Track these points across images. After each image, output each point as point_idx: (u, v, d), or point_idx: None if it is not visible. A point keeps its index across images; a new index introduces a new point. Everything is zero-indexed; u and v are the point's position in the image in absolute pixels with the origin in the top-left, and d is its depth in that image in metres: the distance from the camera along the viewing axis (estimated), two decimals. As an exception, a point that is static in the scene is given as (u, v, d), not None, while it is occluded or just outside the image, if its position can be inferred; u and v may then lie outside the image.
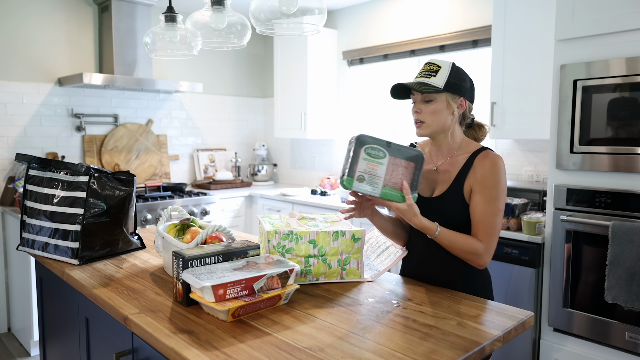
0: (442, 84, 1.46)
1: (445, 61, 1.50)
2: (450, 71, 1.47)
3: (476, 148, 1.54)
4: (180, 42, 2.03)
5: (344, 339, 1.12)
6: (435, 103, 1.48)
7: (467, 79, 1.53)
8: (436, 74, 1.47)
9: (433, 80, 1.47)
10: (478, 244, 1.46)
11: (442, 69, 1.47)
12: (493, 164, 1.47)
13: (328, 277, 1.51)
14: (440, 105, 1.48)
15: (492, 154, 1.50)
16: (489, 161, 1.48)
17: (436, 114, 1.49)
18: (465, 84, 1.51)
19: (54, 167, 1.79)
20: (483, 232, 1.46)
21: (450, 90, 1.48)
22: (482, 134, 1.63)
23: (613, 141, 2.13)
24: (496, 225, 1.47)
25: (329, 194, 3.91)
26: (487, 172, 1.47)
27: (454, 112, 1.50)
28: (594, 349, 2.23)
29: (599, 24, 2.15)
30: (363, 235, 1.52)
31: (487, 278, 1.59)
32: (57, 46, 3.60)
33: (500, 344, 1.16)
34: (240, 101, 4.80)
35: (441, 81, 1.46)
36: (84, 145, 3.76)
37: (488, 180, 1.46)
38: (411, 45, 3.64)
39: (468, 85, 1.52)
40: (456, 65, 1.51)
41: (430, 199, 1.56)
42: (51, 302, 1.94)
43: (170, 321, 1.22)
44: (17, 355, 3.11)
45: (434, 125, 1.51)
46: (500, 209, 1.47)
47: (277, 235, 1.47)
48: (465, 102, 1.52)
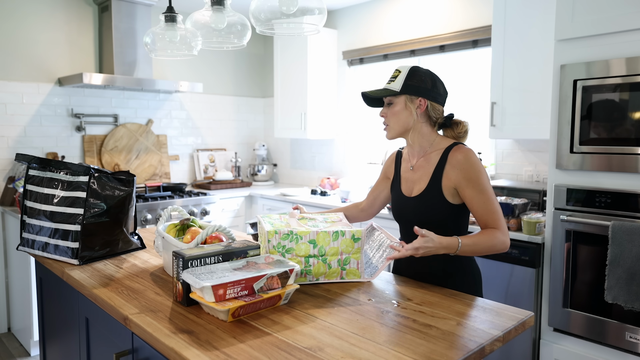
0: (399, 88, 1.57)
1: (405, 66, 1.61)
2: (407, 74, 1.57)
3: (448, 144, 1.60)
4: (180, 42, 2.03)
5: (344, 339, 1.12)
6: (395, 106, 1.59)
7: (429, 80, 1.58)
8: (395, 79, 1.59)
9: (392, 85, 1.59)
10: (498, 234, 1.51)
11: (401, 73, 1.59)
12: (467, 157, 1.54)
13: (328, 277, 1.51)
14: (399, 107, 1.59)
15: (463, 148, 1.57)
16: (463, 155, 1.54)
17: (396, 115, 1.59)
18: (424, 84, 1.57)
19: (54, 167, 1.79)
20: (492, 220, 1.52)
21: (407, 92, 1.56)
22: (460, 130, 1.65)
23: (613, 141, 2.13)
24: (498, 208, 1.53)
25: (329, 194, 3.91)
26: (465, 166, 1.53)
27: (413, 112, 1.58)
28: (593, 348, 2.23)
29: (599, 24, 2.15)
30: (363, 235, 1.53)
31: (477, 274, 1.64)
32: (57, 46, 3.60)
33: (500, 344, 1.16)
34: (240, 101, 4.80)
35: (398, 85, 1.57)
36: (84, 145, 3.76)
37: (470, 173, 1.52)
38: (411, 45, 3.64)
39: (429, 86, 1.57)
40: (417, 68, 1.60)
41: (410, 198, 1.62)
42: (51, 302, 1.94)
43: (170, 321, 1.22)
44: (17, 355, 3.11)
45: (396, 127, 1.61)
46: (492, 193, 1.55)
47: (277, 235, 1.47)
48: (424, 102, 1.58)
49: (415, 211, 1.59)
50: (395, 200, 1.71)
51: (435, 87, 1.58)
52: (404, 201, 1.65)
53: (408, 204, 1.62)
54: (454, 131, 1.64)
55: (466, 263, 1.60)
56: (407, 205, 1.63)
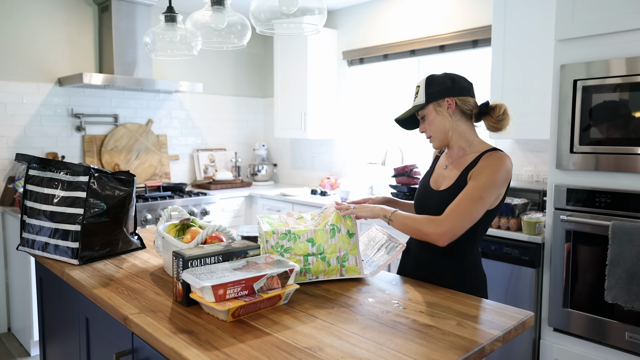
0: (424, 99, 1.60)
1: (422, 79, 1.64)
2: (426, 84, 1.61)
3: (486, 148, 1.59)
4: (180, 42, 2.03)
5: (344, 339, 1.12)
6: (428, 116, 1.62)
7: (447, 80, 1.59)
8: (417, 94, 1.64)
9: (417, 100, 1.64)
10: (432, 222, 1.46)
11: (420, 87, 1.63)
12: (497, 158, 1.52)
13: (328, 275, 1.52)
14: (432, 115, 1.61)
15: (499, 152, 1.54)
16: (495, 156, 1.53)
17: (432, 124, 1.62)
18: (442, 86, 1.59)
19: (54, 167, 1.79)
20: (449, 209, 1.47)
21: (432, 99, 1.59)
22: (498, 113, 1.57)
23: (613, 141, 2.13)
24: (468, 208, 1.45)
25: (329, 194, 3.91)
26: (487, 163, 1.51)
27: (445, 114, 1.59)
28: (593, 349, 2.23)
29: (599, 24, 2.15)
30: (356, 230, 1.55)
31: (483, 278, 1.62)
32: (57, 46, 3.60)
33: (500, 344, 1.16)
34: (240, 101, 4.80)
35: (422, 98, 1.61)
36: (84, 145, 3.76)
37: (485, 170, 1.50)
38: (411, 45, 3.64)
39: (449, 85, 1.58)
40: (433, 75, 1.63)
41: (435, 192, 1.63)
42: (51, 302, 1.94)
43: (170, 321, 1.22)
44: (17, 355, 3.11)
45: (437, 134, 1.63)
46: (482, 197, 1.46)
47: (275, 235, 1.47)
48: (451, 100, 1.58)
49: (437, 205, 1.57)
50: (421, 191, 1.71)
51: (456, 83, 1.59)
52: (429, 194, 1.65)
53: (432, 197, 1.62)
54: (493, 116, 1.59)
55: (472, 268, 1.59)
56: (432, 198, 1.62)
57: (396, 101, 3.86)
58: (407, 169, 3.28)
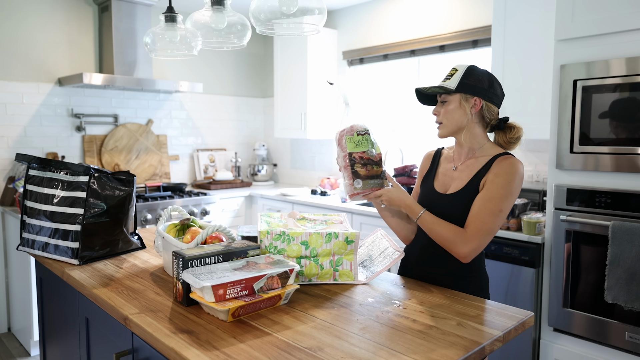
0: (455, 86, 1.52)
1: (463, 65, 1.55)
2: (465, 73, 1.52)
3: (498, 152, 1.55)
4: (180, 42, 2.03)
5: (344, 339, 1.12)
6: (449, 104, 1.55)
7: (486, 80, 1.53)
8: (451, 77, 1.54)
9: (448, 83, 1.54)
10: (461, 235, 1.46)
11: (457, 72, 1.54)
12: (510, 165, 1.48)
13: (321, 279, 1.50)
14: (454, 105, 1.54)
15: (512, 157, 1.51)
16: (508, 162, 1.49)
17: (450, 113, 1.55)
18: (480, 84, 1.52)
19: (54, 167, 1.79)
20: (474, 227, 1.46)
21: (463, 91, 1.52)
22: (513, 135, 1.57)
23: (613, 141, 2.13)
24: (491, 224, 1.45)
25: (329, 194, 3.91)
26: (501, 171, 1.48)
27: (467, 111, 1.53)
28: (593, 349, 2.23)
29: (599, 24, 2.15)
30: (357, 238, 1.50)
31: (485, 280, 1.60)
32: (57, 46, 3.60)
33: (500, 344, 1.16)
34: (240, 101, 4.80)
35: (454, 83, 1.52)
36: (84, 145, 3.76)
37: (500, 179, 1.47)
38: (411, 45, 3.64)
39: (485, 86, 1.52)
40: (475, 67, 1.55)
41: (444, 195, 1.58)
42: (51, 302, 1.94)
43: (170, 321, 1.22)
44: (17, 355, 3.11)
45: (449, 125, 1.56)
46: (502, 210, 1.46)
47: (269, 236, 1.46)
48: (480, 101, 1.53)
49: (447, 209, 1.54)
50: (425, 196, 1.65)
51: (492, 88, 1.54)
52: (435, 198, 1.60)
53: (440, 201, 1.57)
54: (506, 135, 1.57)
55: (475, 269, 1.57)
56: (439, 202, 1.57)
57: (396, 101, 3.85)
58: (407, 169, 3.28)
